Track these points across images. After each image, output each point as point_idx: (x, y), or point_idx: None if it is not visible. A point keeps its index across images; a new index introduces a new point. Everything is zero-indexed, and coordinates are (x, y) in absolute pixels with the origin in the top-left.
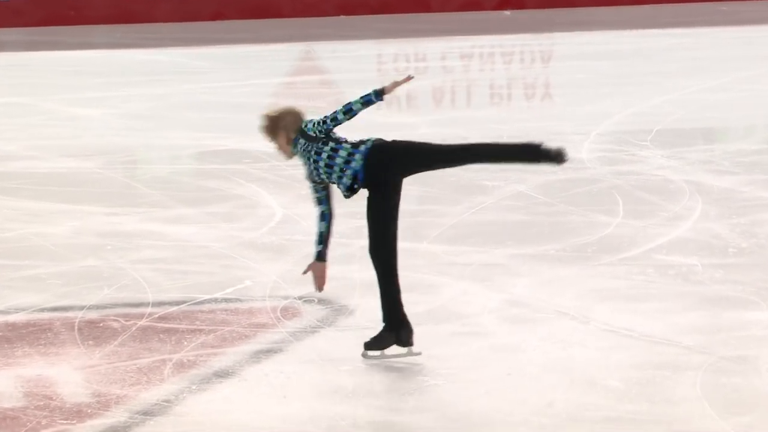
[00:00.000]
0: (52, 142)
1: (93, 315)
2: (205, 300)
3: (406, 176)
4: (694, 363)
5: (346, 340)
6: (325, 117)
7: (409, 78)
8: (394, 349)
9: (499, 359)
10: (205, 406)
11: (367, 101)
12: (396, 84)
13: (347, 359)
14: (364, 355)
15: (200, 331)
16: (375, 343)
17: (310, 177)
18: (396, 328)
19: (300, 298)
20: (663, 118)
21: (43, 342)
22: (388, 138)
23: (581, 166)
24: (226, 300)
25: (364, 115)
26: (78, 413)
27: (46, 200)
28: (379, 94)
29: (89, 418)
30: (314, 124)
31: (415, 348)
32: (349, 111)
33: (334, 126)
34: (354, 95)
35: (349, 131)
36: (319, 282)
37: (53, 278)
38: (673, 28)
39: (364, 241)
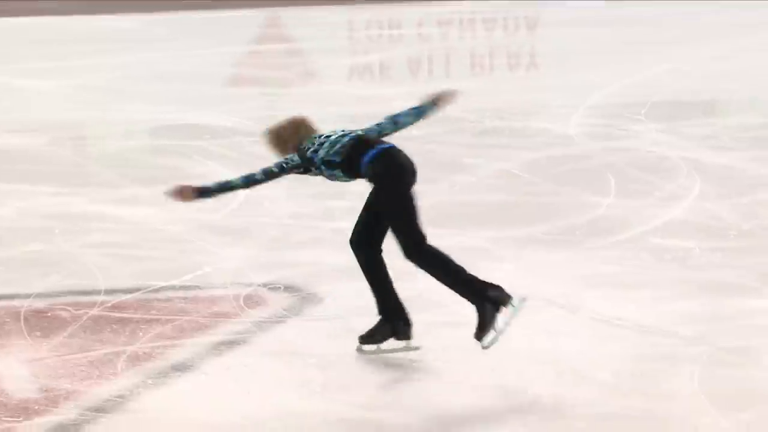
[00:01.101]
0: None
1: (40, 304)
2: (161, 287)
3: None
4: (691, 354)
5: (315, 330)
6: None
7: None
8: (391, 343)
9: (481, 351)
10: (162, 402)
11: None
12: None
13: (316, 351)
14: (358, 350)
15: (156, 321)
16: (370, 336)
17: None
18: (392, 319)
19: (265, 285)
20: (659, 90)
21: None
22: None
23: (570, 142)
24: (185, 287)
25: (338, 87)
26: (24, 409)
27: None
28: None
29: (36, 414)
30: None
31: (413, 342)
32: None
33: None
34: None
35: (343, 118)
36: (174, 191)
37: None
38: None
39: (334, 224)
